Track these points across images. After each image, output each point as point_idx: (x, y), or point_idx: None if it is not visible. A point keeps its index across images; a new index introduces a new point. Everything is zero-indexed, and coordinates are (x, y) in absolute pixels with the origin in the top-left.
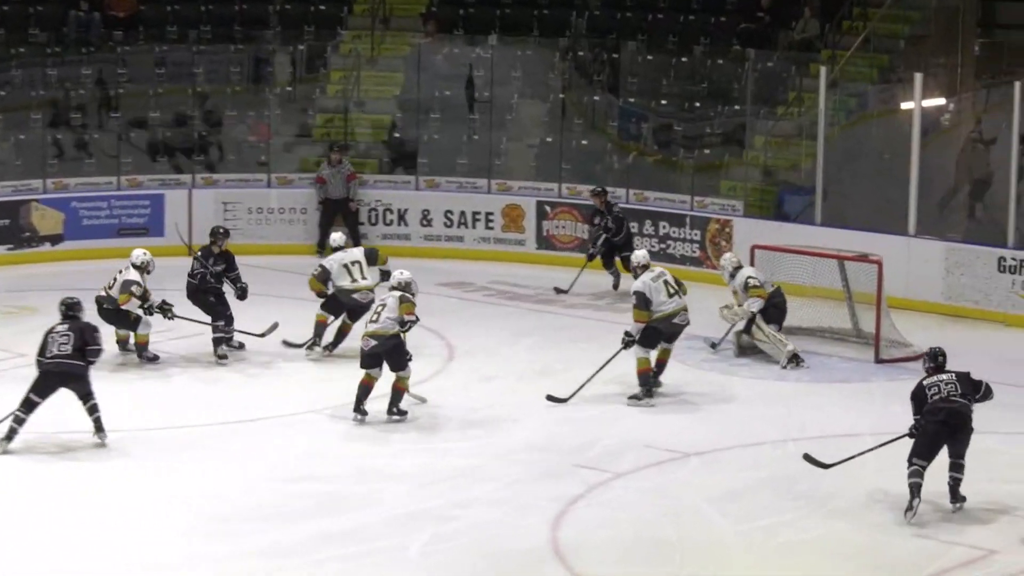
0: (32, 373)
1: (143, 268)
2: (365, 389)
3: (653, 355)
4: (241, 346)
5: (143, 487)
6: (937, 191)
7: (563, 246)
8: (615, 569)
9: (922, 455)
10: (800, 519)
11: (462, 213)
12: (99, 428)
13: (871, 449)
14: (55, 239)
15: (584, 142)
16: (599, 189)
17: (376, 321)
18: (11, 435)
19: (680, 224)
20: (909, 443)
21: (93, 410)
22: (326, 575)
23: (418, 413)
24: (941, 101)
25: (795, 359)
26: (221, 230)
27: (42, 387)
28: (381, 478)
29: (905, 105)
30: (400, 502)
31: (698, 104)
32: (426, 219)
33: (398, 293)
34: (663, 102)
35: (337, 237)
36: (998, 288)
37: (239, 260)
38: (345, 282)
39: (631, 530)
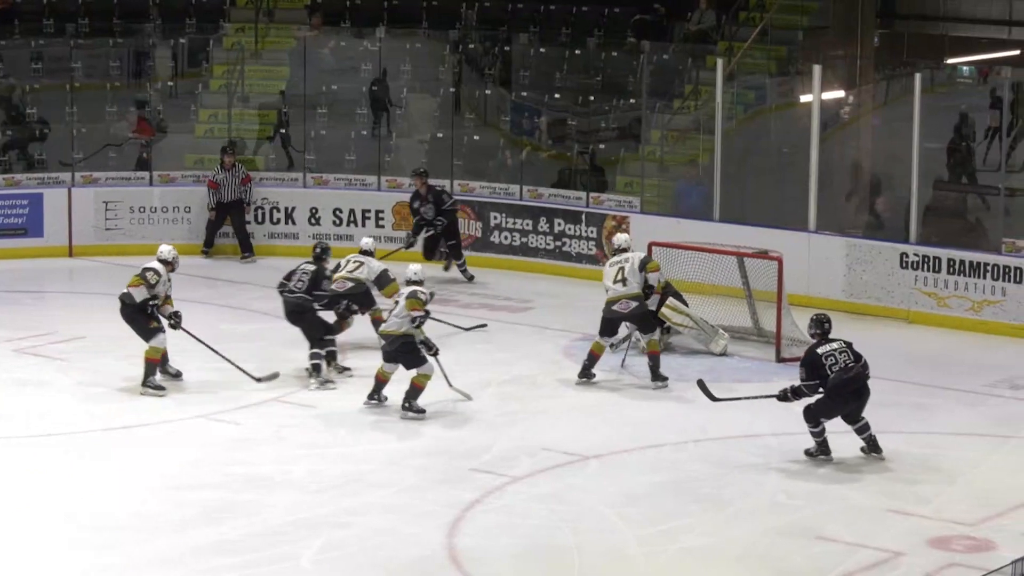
0: None
1: (169, 264)
2: (379, 383)
3: (604, 342)
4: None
5: (21, 497)
6: (837, 185)
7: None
8: None
9: (828, 417)
10: (702, 523)
11: (351, 211)
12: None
13: (756, 397)
14: None
15: (476, 138)
16: (421, 170)
17: (385, 320)
18: None
19: (575, 221)
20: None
21: None
22: None
23: (308, 417)
24: (840, 93)
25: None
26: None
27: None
28: (271, 485)
29: (804, 98)
30: (291, 510)
31: (592, 98)
32: (315, 217)
33: (408, 290)
34: (556, 96)
35: (368, 241)
36: (900, 285)
37: (120, 260)
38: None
39: (529, 536)
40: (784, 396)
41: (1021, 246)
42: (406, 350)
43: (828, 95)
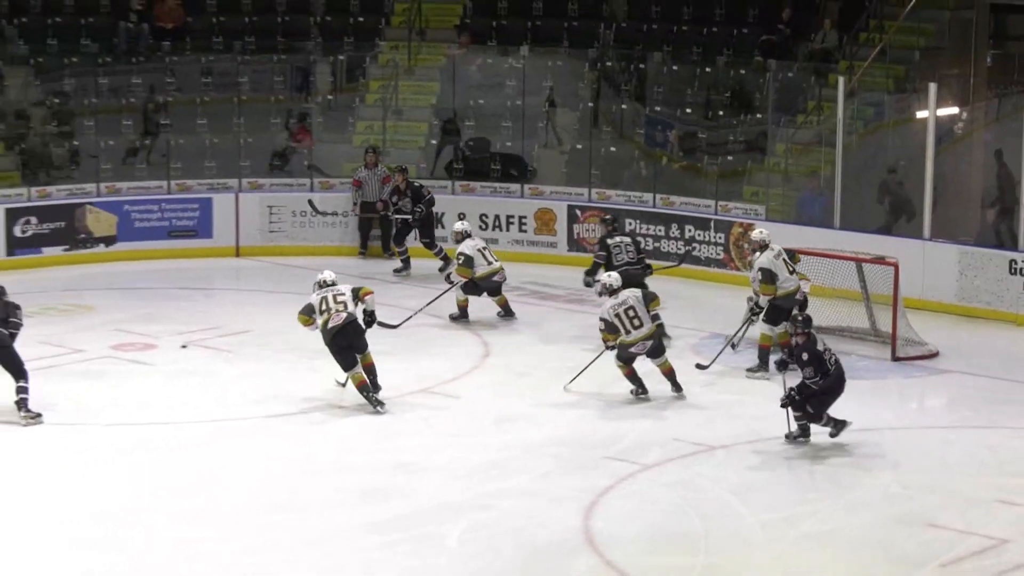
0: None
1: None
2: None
3: (777, 331)
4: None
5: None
6: (951, 197)
7: (592, 248)
8: (644, 558)
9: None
10: (819, 510)
11: (496, 216)
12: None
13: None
14: (109, 240)
15: (612, 149)
16: (403, 167)
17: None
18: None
19: (705, 228)
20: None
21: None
22: (370, 560)
23: (453, 407)
24: (954, 110)
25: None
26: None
27: None
28: (417, 470)
29: (920, 114)
30: (436, 494)
31: (721, 113)
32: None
33: (636, 292)
34: (688, 111)
35: (462, 225)
36: (1009, 290)
37: (282, 261)
38: (482, 267)
39: (658, 521)
40: (791, 399)
41: None
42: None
43: (943, 111)
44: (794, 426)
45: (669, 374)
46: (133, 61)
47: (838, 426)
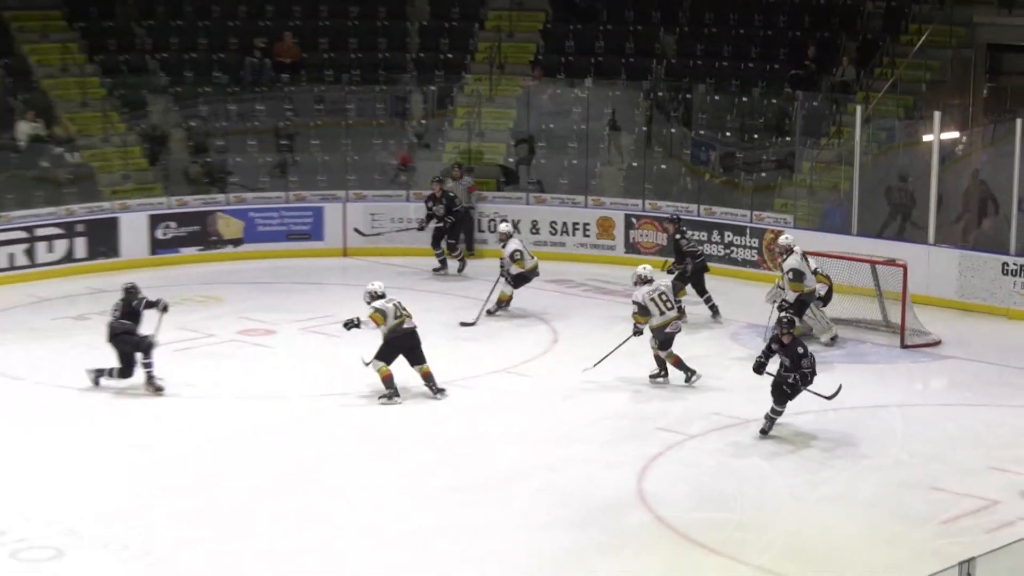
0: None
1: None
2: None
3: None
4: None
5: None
6: (952, 208)
7: (646, 251)
8: (689, 514)
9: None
10: (838, 476)
11: (564, 223)
12: None
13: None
14: (236, 242)
15: (663, 166)
16: (439, 178)
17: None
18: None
19: (741, 234)
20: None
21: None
22: (459, 515)
23: (525, 386)
24: (955, 135)
25: (834, 340)
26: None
27: None
28: (493, 440)
29: (926, 138)
30: (513, 458)
31: (756, 136)
32: (535, 228)
33: (665, 282)
34: (727, 134)
35: (506, 227)
36: (1002, 288)
37: (382, 261)
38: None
39: (700, 482)
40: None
41: None
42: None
43: (946, 136)
44: (764, 423)
45: (677, 364)
46: (257, 91)
47: (770, 427)
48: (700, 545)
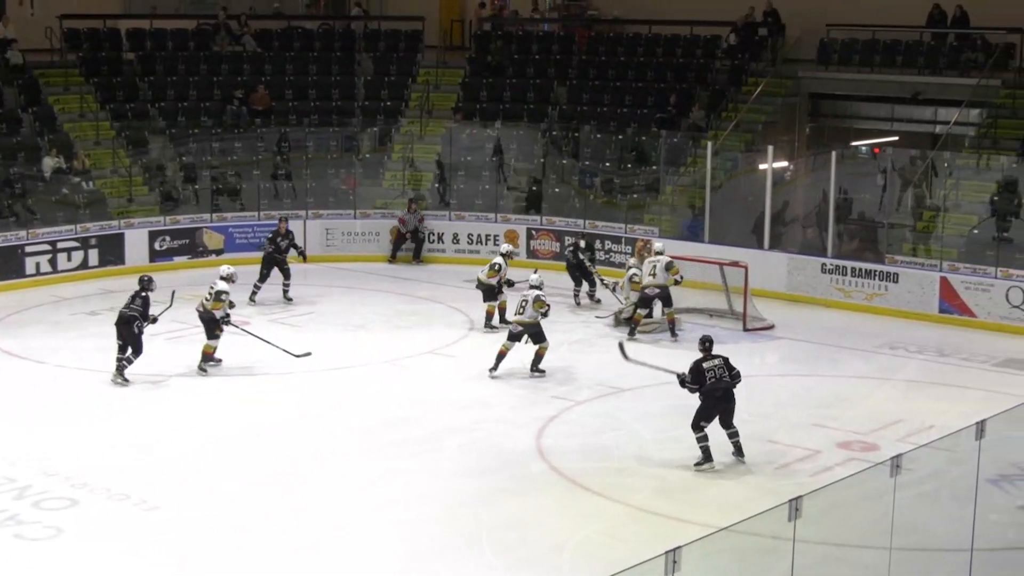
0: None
1: (230, 279)
2: (501, 355)
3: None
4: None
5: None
6: (781, 221)
7: (543, 256)
8: (577, 464)
9: (707, 419)
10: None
11: (478, 235)
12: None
13: (660, 369)
14: (219, 252)
15: (556, 190)
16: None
17: (522, 313)
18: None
19: (618, 242)
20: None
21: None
22: (397, 466)
23: (447, 365)
24: (784, 164)
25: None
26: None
27: None
28: (425, 404)
29: (762, 166)
30: (439, 421)
31: (629, 165)
32: (456, 239)
33: (534, 293)
34: (607, 164)
35: (506, 247)
36: (821, 283)
37: (336, 266)
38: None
39: (586, 438)
40: (680, 380)
41: (897, 259)
42: (536, 332)
43: (777, 165)
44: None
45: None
46: (235, 131)
47: (705, 459)
48: (586, 489)
